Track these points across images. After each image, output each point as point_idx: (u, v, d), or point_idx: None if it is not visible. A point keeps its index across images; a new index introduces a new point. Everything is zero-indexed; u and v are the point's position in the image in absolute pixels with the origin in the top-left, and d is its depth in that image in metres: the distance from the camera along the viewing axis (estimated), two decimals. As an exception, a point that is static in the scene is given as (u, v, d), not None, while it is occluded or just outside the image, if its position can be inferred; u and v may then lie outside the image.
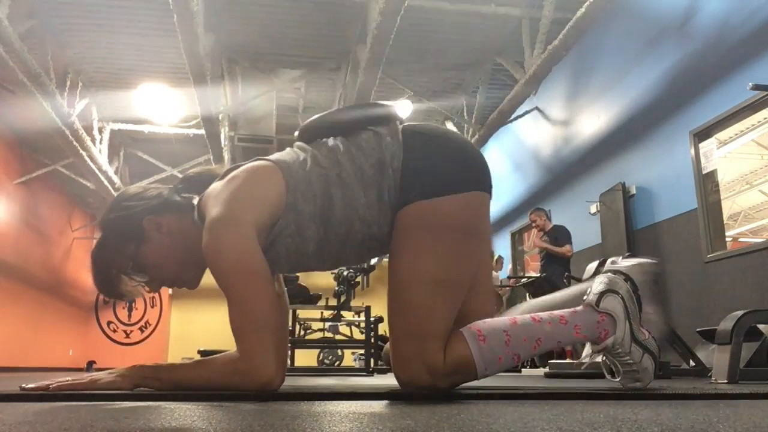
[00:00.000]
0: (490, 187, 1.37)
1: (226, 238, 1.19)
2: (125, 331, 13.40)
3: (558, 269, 5.63)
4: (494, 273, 7.87)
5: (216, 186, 1.31)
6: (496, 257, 8.22)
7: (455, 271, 1.29)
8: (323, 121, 1.41)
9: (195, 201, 1.40)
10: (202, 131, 7.26)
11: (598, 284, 1.35)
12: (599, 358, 1.43)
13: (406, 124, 1.39)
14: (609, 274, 1.38)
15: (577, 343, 1.34)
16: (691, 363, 3.58)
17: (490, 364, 1.23)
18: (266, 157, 1.34)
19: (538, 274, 6.07)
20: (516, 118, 7.73)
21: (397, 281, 1.28)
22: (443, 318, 1.25)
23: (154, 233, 1.35)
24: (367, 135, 1.34)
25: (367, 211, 1.29)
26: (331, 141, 1.35)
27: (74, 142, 7.29)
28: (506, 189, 8.30)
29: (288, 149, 1.39)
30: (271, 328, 1.16)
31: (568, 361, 4.54)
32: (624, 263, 1.44)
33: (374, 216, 1.29)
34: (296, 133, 1.44)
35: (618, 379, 1.40)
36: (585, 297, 1.36)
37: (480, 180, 1.34)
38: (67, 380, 1.16)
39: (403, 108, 8.37)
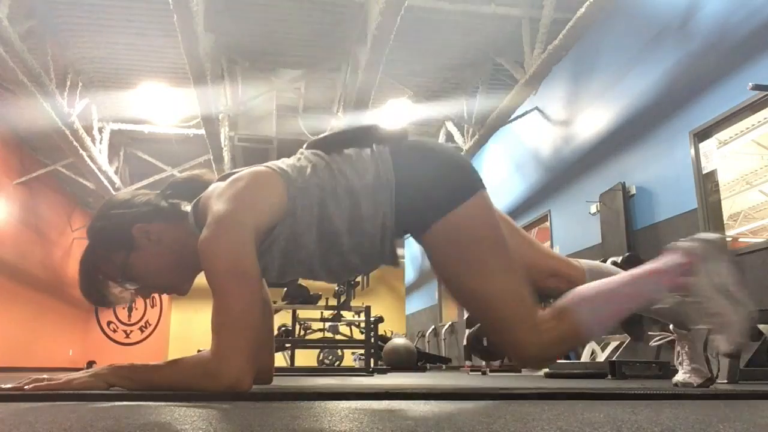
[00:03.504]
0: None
1: (225, 237, 1.19)
2: (125, 331, 13.41)
3: None
4: None
5: (218, 186, 1.31)
6: None
7: (507, 254, 1.34)
8: (329, 137, 1.44)
9: (185, 207, 1.40)
10: (202, 131, 7.26)
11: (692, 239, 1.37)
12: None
13: (389, 143, 1.39)
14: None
15: (667, 292, 1.35)
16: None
17: (596, 325, 1.29)
18: (266, 164, 1.35)
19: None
20: (516, 118, 7.73)
21: (468, 295, 1.32)
22: (522, 298, 1.29)
23: (143, 241, 1.34)
24: (357, 153, 1.36)
25: (352, 226, 1.30)
26: (328, 156, 1.36)
27: (74, 142, 7.29)
28: (506, 189, 8.30)
29: (291, 158, 1.40)
30: (249, 332, 1.16)
31: (568, 361, 4.54)
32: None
33: (358, 231, 1.30)
34: (304, 146, 1.45)
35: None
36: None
37: (478, 178, 1.37)
38: (43, 379, 1.16)
39: (402, 108, 8.37)
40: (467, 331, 6.50)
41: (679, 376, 1.64)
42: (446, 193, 1.30)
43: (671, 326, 1.68)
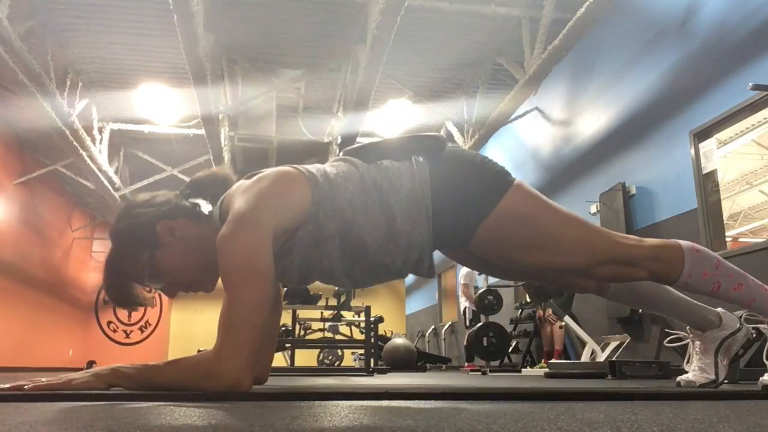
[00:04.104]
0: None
1: (242, 235, 1.19)
2: (125, 331, 13.40)
3: None
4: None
5: (243, 183, 1.32)
6: None
7: (563, 210, 1.41)
8: (367, 146, 1.45)
9: (206, 205, 1.41)
10: (202, 131, 7.26)
11: None
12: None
13: (427, 154, 1.41)
14: None
15: (762, 312, 1.45)
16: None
17: (695, 272, 1.39)
18: (295, 166, 1.36)
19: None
20: (516, 118, 7.73)
21: (557, 257, 1.38)
22: (604, 230, 1.41)
23: (168, 238, 1.34)
24: (394, 166, 1.37)
25: (385, 242, 1.31)
26: (364, 166, 1.37)
27: (74, 142, 7.29)
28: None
29: (325, 164, 1.41)
30: (253, 333, 1.16)
31: (567, 361, 4.54)
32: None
33: (392, 247, 1.32)
34: (341, 152, 1.46)
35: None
36: None
37: (508, 173, 1.43)
38: (42, 380, 1.15)
39: (402, 108, 8.37)
40: (468, 331, 6.51)
41: (684, 376, 1.64)
42: (485, 193, 1.35)
43: (688, 327, 1.67)
